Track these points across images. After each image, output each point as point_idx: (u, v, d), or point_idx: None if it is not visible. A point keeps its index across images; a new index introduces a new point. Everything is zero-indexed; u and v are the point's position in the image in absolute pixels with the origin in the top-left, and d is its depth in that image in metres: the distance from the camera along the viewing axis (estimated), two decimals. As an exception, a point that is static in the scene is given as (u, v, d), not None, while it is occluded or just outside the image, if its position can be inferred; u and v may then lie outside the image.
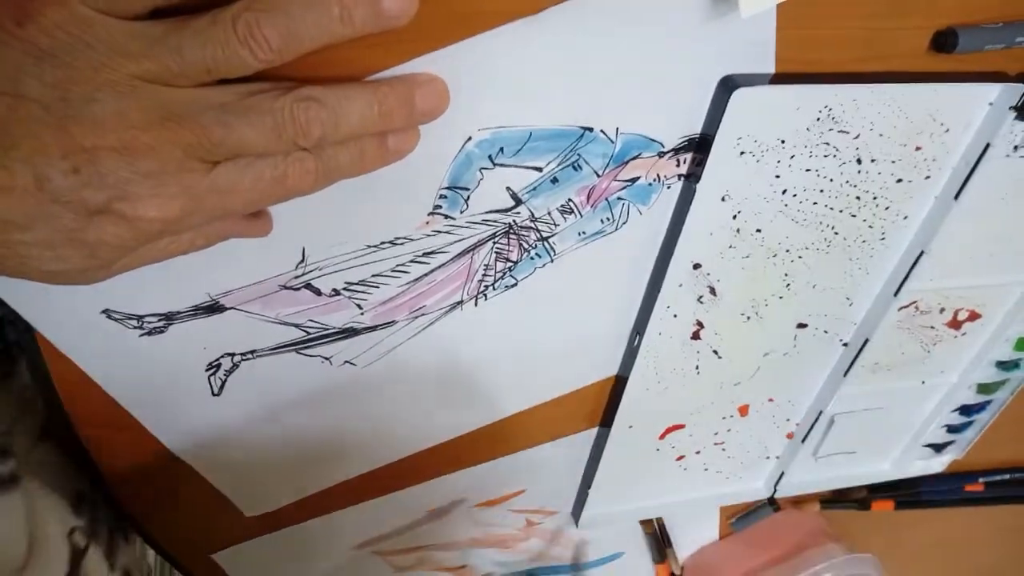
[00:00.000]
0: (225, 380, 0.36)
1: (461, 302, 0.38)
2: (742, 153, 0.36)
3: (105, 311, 0.32)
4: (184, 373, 0.35)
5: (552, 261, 0.37)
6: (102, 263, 0.25)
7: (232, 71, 0.24)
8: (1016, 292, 0.48)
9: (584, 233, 0.37)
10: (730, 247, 0.40)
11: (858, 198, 0.40)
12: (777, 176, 0.37)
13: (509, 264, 0.37)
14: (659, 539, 0.59)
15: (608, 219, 0.36)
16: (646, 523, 0.59)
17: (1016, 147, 0.39)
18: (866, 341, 0.46)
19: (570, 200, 0.35)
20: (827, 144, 0.37)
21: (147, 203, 0.24)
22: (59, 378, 0.34)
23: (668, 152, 0.35)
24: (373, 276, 0.35)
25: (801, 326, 0.46)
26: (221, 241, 0.29)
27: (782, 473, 0.54)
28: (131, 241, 0.25)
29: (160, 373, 0.35)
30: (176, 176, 0.24)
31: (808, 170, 0.37)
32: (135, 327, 0.33)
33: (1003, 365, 0.53)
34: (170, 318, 0.33)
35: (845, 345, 0.48)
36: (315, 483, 0.44)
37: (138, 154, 0.23)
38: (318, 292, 0.34)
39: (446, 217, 0.34)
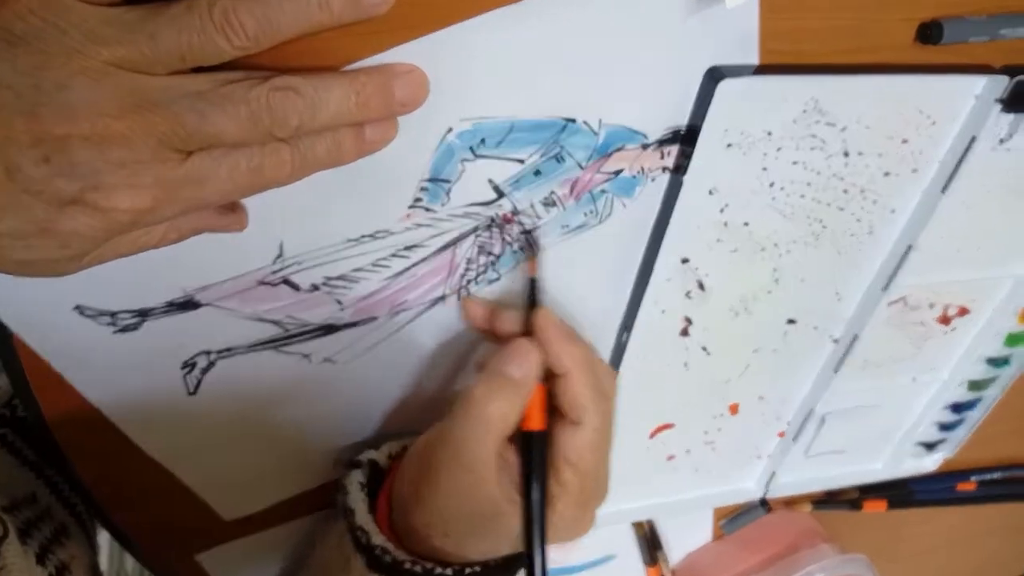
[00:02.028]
0: (201, 379, 0.36)
1: (443, 297, 0.37)
2: (729, 145, 0.35)
3: (77, 307, 0.31)
4: (159, 372, 0.35)
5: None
6: (74, 254, 0.25)
7: (207, 58, 0.23)
8: (1005, 286, 0.48)
9: (567, 226, 0.36)
10: (718, 241, 0.40)
11: (845, 191, 0.39)
12: (764, 169, 0.37)
13: (492, 258, 0.36)
14: (650, 542, 0.59)
15: (592, 212, 0.36)
16: (638, 525, 0.58)
17: (1002, 140, 0.39)
18: (856, 337, 0.46)
19: (553, 192, 0.35)
20: (814, 136, 0.36)
21: (120, 193, 0.23)
22: (35, 378, 0.33)
23: (652, 144, 0.34)
24: (353, 271, 0.34)
25: (791, 322, 0.45)
26: (195, 235, 0.29)
27: (773, 473, 0.54)
28: (103, 232, 0.24)
29: (134, 372, 0.34)
30: (150, 166, 0.23)
31: (795, 163, 0.37)
32: (108, 324, 0.32)
33: (993, 361, 0.53)
34: (144, 315, 0.32)
35: (835, 341, 0.47)
36: (295, 485, 0.43)
37: (111, 143, 0.23)
38: (296, 287, 0.34)
39: (427, 210, 0.33)
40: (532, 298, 0.35)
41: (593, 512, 0.36)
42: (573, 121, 0.32)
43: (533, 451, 0.33)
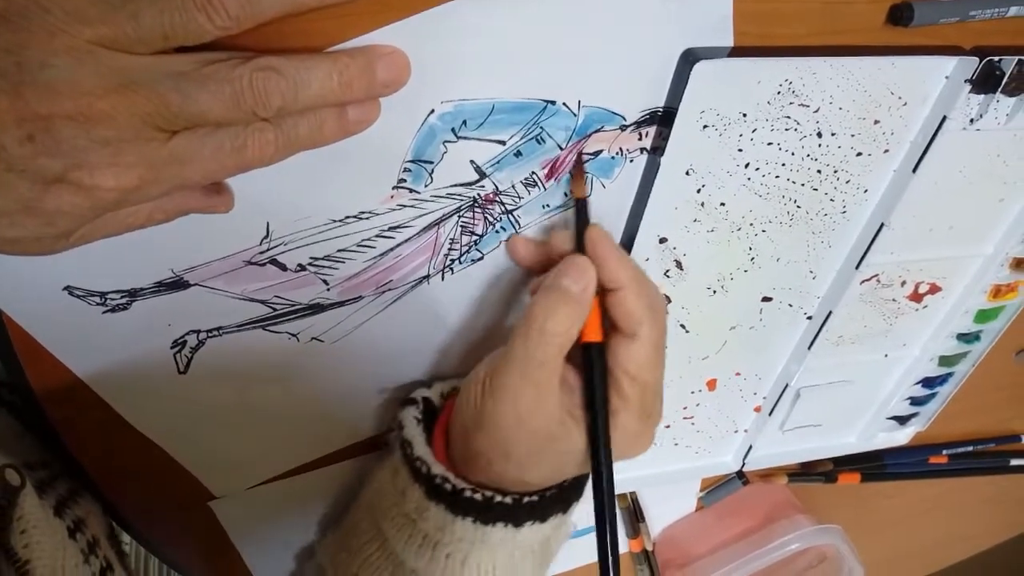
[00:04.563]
0: (191, 358, 0.36)
1: (427, 276, 0.38)
2: (705, 127, 0.36)
3: (67, 288, 0.32)
4: (149, 350, 0.35)
5: (518, 234, 0.37)
6: (60, 232, 0.25)
7: (189, 38, 0.24)
8: (975, 264, 0.49)
9: (548, 206, 0.37)
10: (695, 221, 0.40)
11: (819, 171, 0.40)
12: (740, 150, 0.38)
13: (475, 238, 0.37)
14: (633, 514, 0.60)
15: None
16: (620, 497, 0.60)
17: (972, 120, 0.40)
18: (829, 314, 0.47)
19: (534, 173, 0.35)
20: (788, 118, 0.37)
21: (104, 172, 0.24)
22: (26, 357, 0.34)
23: (630, 125, 0.35)
24: (339, 251, 0.35)
25: (766, 300, 0.46)
26: (182, 216, 0.29)
27: (750, 447, 0.55)
28: (88, 211, 0.25)
29: (125, 351, 0.35)
30: (134, 145, 0.24)
31: (770, 144, 0.38)
32: (98, 304, 0.33)
33: (964, 337, 0.54)
34: (133, 295, 0.33)
35: (809, 318, 0.48)
36: (285, 463, 0.44)
37: (95, 122, 0.23)
38: (283, 268, 0.34)
39: (411, 191, 0.34)
40: (583, 217, 0.35)
41: (653, 428, 0.36)
42: (553, 103, 0.33)
43: (594, 362, 0.33)
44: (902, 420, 0.60)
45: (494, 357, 0.35)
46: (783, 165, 0.39)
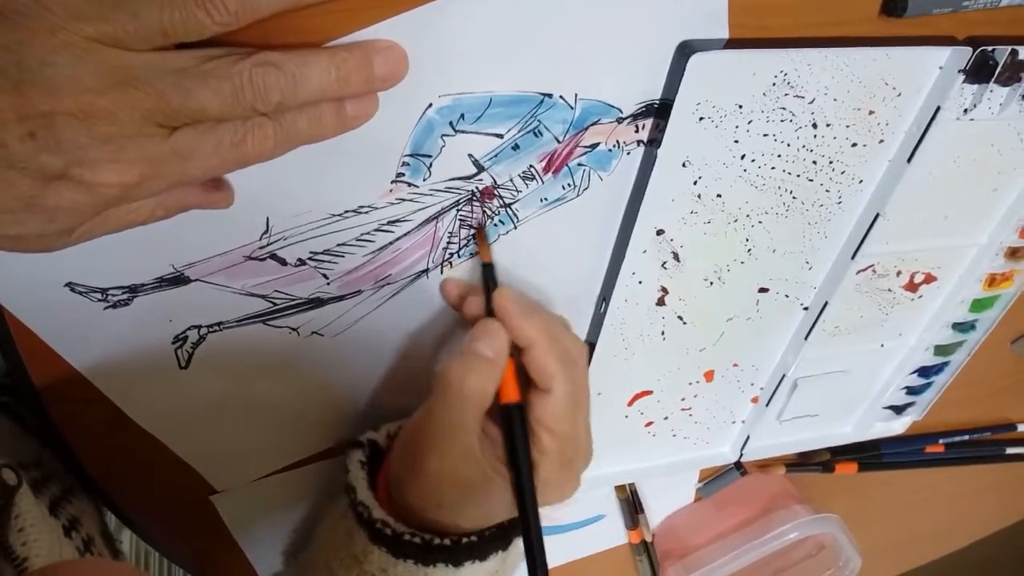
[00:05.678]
0: (192, 353, 0.36)
1: (427, 270, 0.38)
2: (701, 119, 0.36)
3: (68, 284, 0.32)
4: (151, 346, 0.35)
5: (516, 228, 0.38)
6: (62, 229, 0.25)
7: (189, 34, 0.24)
8: (970, 254, 0.49)
9: (546, 199, 0.37)
10: (692, 213, 0.41)
11: (815, 162, 0.41)
12: (736, 141, 0.38)
13: (473, 231, 0.37)
14: (632, 505, 0.61)
15: (569, 185, 0.37)
16: (620, 489, 0.60)
17: (966, 110, 0.40)
18: (825, 305, 0.47)
19: (531, 166, 0.35)
20: (783, 109, 0.37)
21: (105, 169, 0.24)
22: (28, 353, 0.34)
23: (627, 118, 0.35)
24: (338, 246, 0.35)
25: (763, 291, 0.47)
26: (182, 212, 0.29)
27: (748, 437, 0.56)
28: (90, 207, 0.25)
29: (126, 347, 0.35)
30: (135, 141, 0.24)
31: (766, 135, 0.38)
32: (99, 300, 0.33)
33: (959, 327, 0.54)
34: (134, 291, 0.33)
35: (806, 309, 0.49)
36: (287, 456, 0.44)
37: (96, 119, 0.23)
38: (283, 262, 0.35)
39: (409, 185, 0.34)
40: (490, 280, 0.36)
41: (577, 474, 0.37)
42: (550, 96, 0.33)
43: (513, 421, 0.34)
44: (898, 410, 0.60)
45: (417, 416, 0.36)
46: (779, 156, 0.39)
